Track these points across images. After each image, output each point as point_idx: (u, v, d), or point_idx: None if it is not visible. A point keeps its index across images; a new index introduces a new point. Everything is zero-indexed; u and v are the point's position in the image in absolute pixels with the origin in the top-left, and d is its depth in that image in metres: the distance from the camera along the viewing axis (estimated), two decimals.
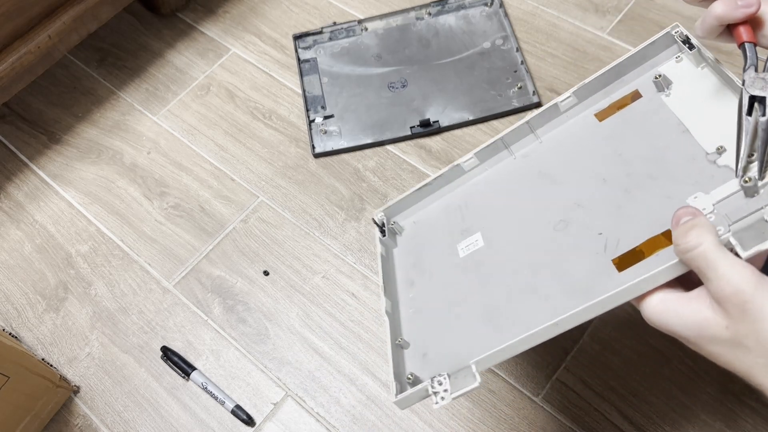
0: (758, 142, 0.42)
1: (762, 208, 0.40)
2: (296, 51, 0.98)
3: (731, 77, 0.48)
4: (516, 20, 0.97)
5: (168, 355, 0.76)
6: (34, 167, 0.93)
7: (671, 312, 0.39)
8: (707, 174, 0.47)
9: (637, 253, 0.46)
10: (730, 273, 0.35)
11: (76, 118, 0.97)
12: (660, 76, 0.54)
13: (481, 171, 0.61)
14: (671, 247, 0.43)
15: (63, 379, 0.74)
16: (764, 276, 0.35)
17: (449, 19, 0.98)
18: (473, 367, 0.45)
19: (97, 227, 0.87)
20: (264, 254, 0.82)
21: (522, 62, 0.92)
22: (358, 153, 0.89)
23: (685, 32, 0.53)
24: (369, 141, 0.89)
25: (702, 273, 0.37)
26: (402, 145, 0.89)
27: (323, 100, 0.93)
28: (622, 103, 0.56)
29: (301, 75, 0.96)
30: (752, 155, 0.43)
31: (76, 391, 0.76)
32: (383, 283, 0.58)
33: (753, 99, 0.42)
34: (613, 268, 0.46)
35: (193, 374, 0.74)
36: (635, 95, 0.55)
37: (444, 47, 0.95)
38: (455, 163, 0.60)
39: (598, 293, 0.43)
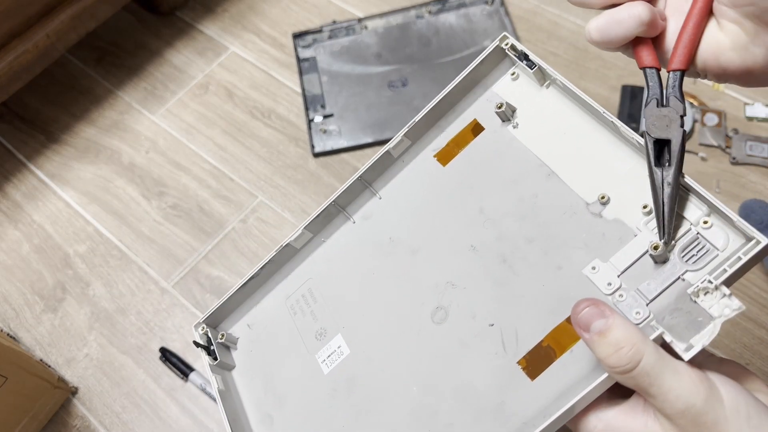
0: (664, 199, 0.34)
1: (677, 279, 0.34)
2: (295, 50, 0.98)
3: (587, 100, 0.38)
4: (517, 18, 0.96)
5: (166, 356, 0.76)
6: (32, 167, 0.93)
7: None
8: (597, 232, 0.37)
9: (545, 351, 0.36)
10: (678, 387, 0.30)
11: (74, 118, 0.97)
12: (502, 105, 0.42)
13: (317, 245, 0.48)
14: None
15: (61, 380, 0.74)
16: (711, 380, 0.31)
17: (450, 18, 0.98)
18: None
19: (95, 227, 0.87)
20: (263, 255, 0.82)
21: None
22: (358, 152, 0.88)
23: (520, 46, 0.42)
24: (369, 140, 0.88)
25: (644, 391, 0.31)
26: None
27: (323, 99, 0.93)
28: (462, 140, 0.45)
29: (301, 74, 0.96)
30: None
31: (74, 392, 0.75)
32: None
33: (658, 143, 0.34)
34: (522, 374, 0.37)
35: (192, 375, 0.74)
36: (476, 128, 0.45)
37: (445, 46, 0.95)
38: (283, 243, 0.47)
39: (516, 414, 0.36)
